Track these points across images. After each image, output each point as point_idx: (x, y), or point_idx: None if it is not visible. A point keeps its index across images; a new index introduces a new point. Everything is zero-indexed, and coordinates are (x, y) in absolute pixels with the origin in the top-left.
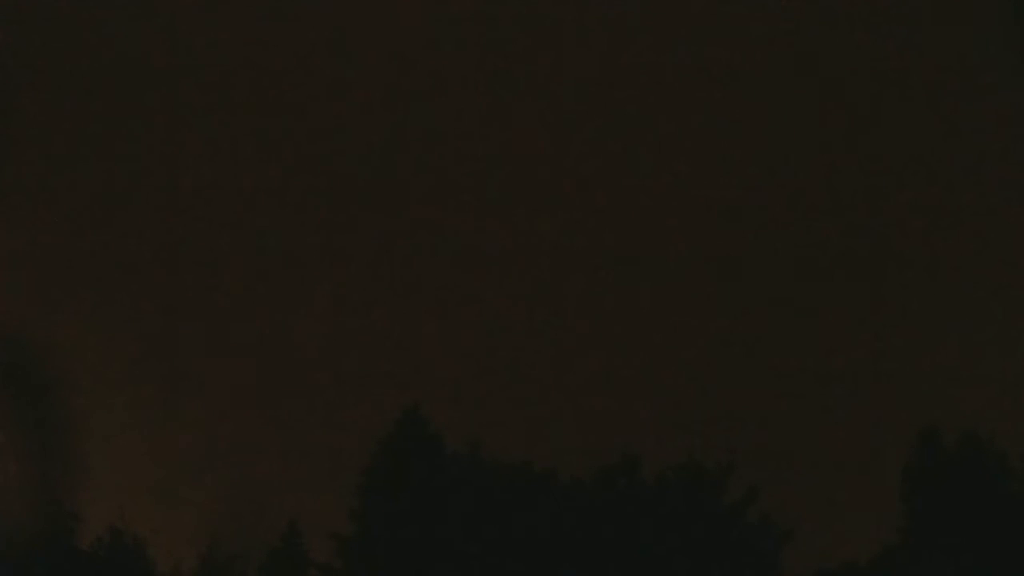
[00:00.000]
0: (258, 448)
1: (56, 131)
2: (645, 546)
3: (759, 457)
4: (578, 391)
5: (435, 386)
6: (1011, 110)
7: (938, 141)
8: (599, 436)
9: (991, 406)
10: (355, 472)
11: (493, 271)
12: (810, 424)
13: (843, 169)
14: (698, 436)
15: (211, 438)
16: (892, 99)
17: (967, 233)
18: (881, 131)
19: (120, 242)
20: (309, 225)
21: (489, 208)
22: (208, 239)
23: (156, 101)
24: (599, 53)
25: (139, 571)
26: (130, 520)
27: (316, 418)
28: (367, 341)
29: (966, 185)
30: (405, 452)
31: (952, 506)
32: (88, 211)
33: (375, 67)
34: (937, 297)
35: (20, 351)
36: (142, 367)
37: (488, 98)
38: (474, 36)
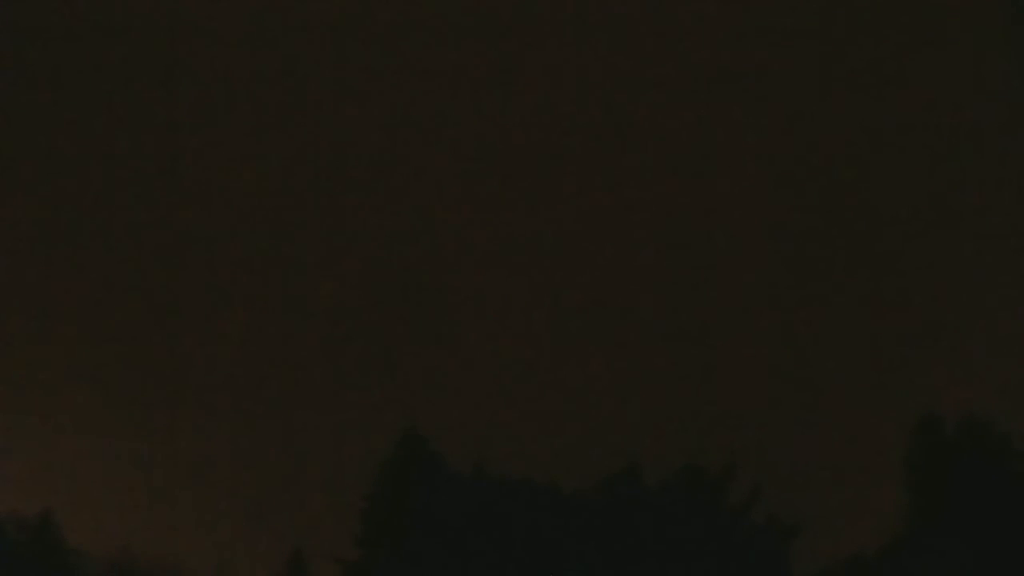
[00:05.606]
0: (262, 475)
1: (56, 131)
2: (650, 552)
3: (761, 454)
4: (577, 396)
5: (436, 396)
6: (1011, 109)
7: (938, 135)
8: (599, 441)
9: (990, 390)
10: (357, 495)
11: (493, 277)
12: (810, 418)
13: (840, 164)
14: (698, 438)
15: (212, 459)
16: (892, 96)
17: (964, 220)
18: (881, 127)
19: (120, 241)
20: (311, 224)
21: (491, 208)
22: (208, 240)
23: (156, 101)
24: (599, 53)
25: None
26: (135, 550)
27: (320, 437)
28: (367, 353)
29: (966, 175)
30: (406, 475)
31: (957, 491)
32: (87, 210)
33: (375, 67)
34: (934, 291)
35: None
36: (143, 373)
37: (488, 99)
38: (474, 36)
